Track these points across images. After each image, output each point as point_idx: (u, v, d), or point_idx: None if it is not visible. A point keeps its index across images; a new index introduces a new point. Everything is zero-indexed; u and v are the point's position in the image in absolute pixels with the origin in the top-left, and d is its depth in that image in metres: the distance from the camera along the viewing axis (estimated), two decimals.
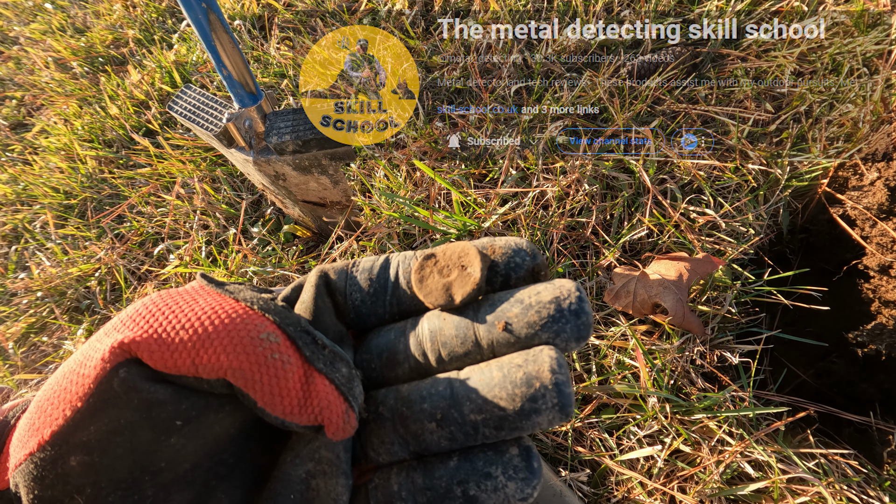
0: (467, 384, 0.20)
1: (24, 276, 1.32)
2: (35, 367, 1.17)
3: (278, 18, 1.60)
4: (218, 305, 0.21)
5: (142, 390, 0.19)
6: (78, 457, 0.18)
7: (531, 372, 0.19)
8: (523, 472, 0.20)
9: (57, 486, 0.18)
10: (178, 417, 0.19)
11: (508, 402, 0.19)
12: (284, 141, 0.76)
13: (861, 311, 0.92)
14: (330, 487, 0.20)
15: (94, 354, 0.19)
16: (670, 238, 0.94)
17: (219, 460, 0.21)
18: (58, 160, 1.50)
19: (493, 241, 0.23)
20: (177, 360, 0.19)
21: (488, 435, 0.20)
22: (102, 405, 0.18)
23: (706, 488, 0.71)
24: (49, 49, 1.94)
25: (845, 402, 0.90)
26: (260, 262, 1.07)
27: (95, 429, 0.18)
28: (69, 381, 0.19)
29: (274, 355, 0.20)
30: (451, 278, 0.22)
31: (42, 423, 0.19)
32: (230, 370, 0.19)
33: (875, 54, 1.08)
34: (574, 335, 0.20)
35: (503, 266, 0.22)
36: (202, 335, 0.19)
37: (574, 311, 0.20)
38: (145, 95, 1.55)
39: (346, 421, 0.20)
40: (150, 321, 0.20)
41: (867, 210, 0.86)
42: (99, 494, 0.18)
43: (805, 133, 1.04)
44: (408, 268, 0.23)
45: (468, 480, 0.20)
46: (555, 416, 0.19)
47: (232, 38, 0.69)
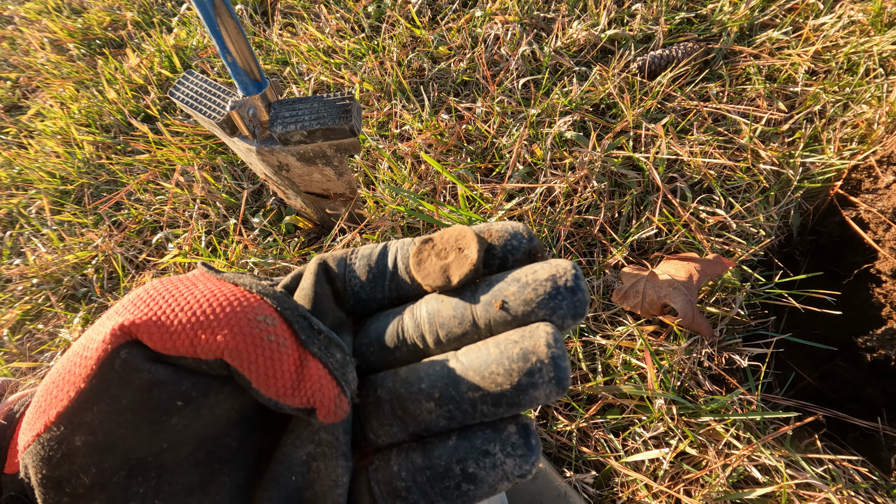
0: (464, 362, 0.20)
1: (20, 262, 1.30)
2: (31, 355, 1.15)
3: (281, 4, 1.56)
4: (217, 289, 0.21)
5: (142, 370, 0.19)
6: (83, 437, 0.19)
7: (527, 347, 0.19)
8: (521, 449, 0.20)
9: (63, 466, 0.19)
10: (179, 398, 0.19)
11: (505, 377, 0.19)
12: (289, 131, 0.74)
13: (870, 315, 0.91)
14: (330, 469, 0.21)
15: (96, 337, 0.20)
16: (679, 238, 0.92)
17: (221, 444, 0.21)
18: (54, 144, 1.47)
19: (489, 226, 0.22)
20: (175, 341, 0.19)
21: (486, 412, 0.20)
22: (105, 386, 0.19)
23: (712, 492, 0.70)
24: (45, 30, 1.90)
25: (851, 406, 0.89)
26: (261, 253, 1.05)
27: (99, 409, 0.19)
28: (73, 363, 0.20)
29: (270, 337, 0.20)
30: (449, 260, 0.22)
31: (48, 405, 0.19)
32: (227, 350, 0.19)
33: (892, 54, 1.06)
34: (570, 312, 0.20)
35: (500, 249, 0.22)
36: (200, 317, 0.20)
37: (570, 289, 0.20)
38: (144, 80, 1.52)
39: (338, 405, 0.20)
40: (150, 304, 0.20)
41: (881, 213, 0.85)
42: (104, 474, 0.19)
43: (818, 133, 1.02)
44: (406, 253, 0.23)
45: (467, 458, 0.20)
46: (552, 391, 0.19)
47: (237, 24, 0.66)
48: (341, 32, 1.41)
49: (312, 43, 1.39)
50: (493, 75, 1.21)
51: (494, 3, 1.33)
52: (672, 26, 1.22)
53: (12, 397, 0.24)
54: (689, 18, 1.23)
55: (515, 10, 1.27)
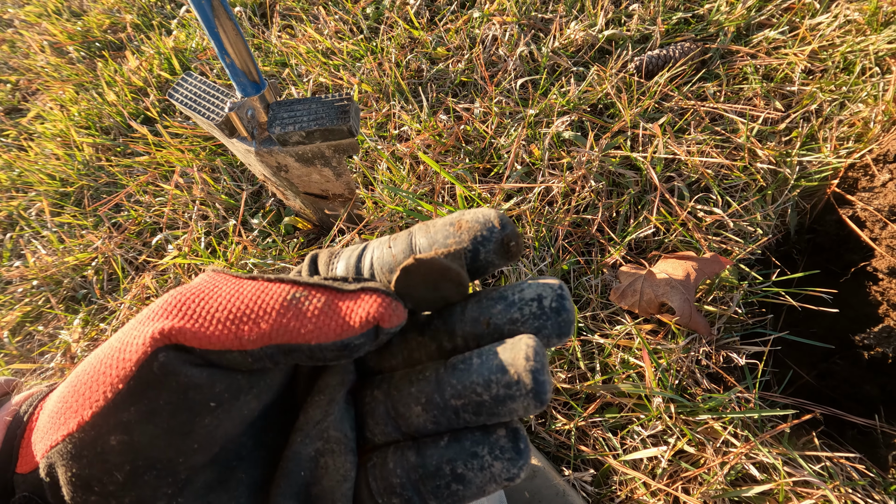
0: (450, 370, 0.21)
1: (20, 264, 1.30)
2: (30, 356, 1.15)
3: (280, 5, 1.57)
4: (240, 285, 0.22)
5: (180, 374, 0.20)
6: (118, 436, 0.19)
7: (507, 359, 0.20)
8: (509, 453, 0.20)
9: (96, 465, 0.19)
10: (213, 399, 0.20)
11: (484, 388, 0.20)
12: (288, 132, 0.74)
13: (866, 314, 0.91)
14: (339, 465, 0.22)
15: (132, 341, 0.20)
16: (677, 237, 0.93)
17: (238, 442, 0.22)
18: (54, 146, 1.47)
19: (461, 215, 0.23)
20: (220, 336, 0.20)
21: (469, 420, 0.21)
22: (142, 387, 0.19)
23: (710, 490, 0.71)
24: (44, 32, 1.90)
25: (848, 404, 0.89)
26: (260, 254, 1.05)
27: (136, 409, 0.19)
28: (107, 365, 0.20)
29: (306, 303, 0.21)
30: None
31: (80, 406, 0.20)
32: (274, 333, 0.20)
33: (888, 53, 1.06)
34: (555, 331, 0.21)
35: (470, 242, 0.22)
36: (236, 312, 0.21)
37: (555, 309, 0.21)
38: (143, 82, 1.52)
39: (395, 308, 0.21)
40: (184, 310, 0.21)
41: (878, 212, 0.85)
42: (136, 472, 0.19)
43: (815, 132, 1.03)
44: (381, 255, 0.24)
45: (456, 459, 0.21)
46: (530, 404, 0.19)
47: (235, 25, 0.67)
48: (340, 34, 1.41)
49: (311, 44, 1.39)
50: (492, 76, 1.21)
51: (492, 4, 1.34)
52: (669, 26, 1.22)
53: (17, 398, 0.25)
54: (686, 18, 1.24)
55: (513, 10, 1.27)
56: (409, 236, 0.23)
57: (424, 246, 0.23)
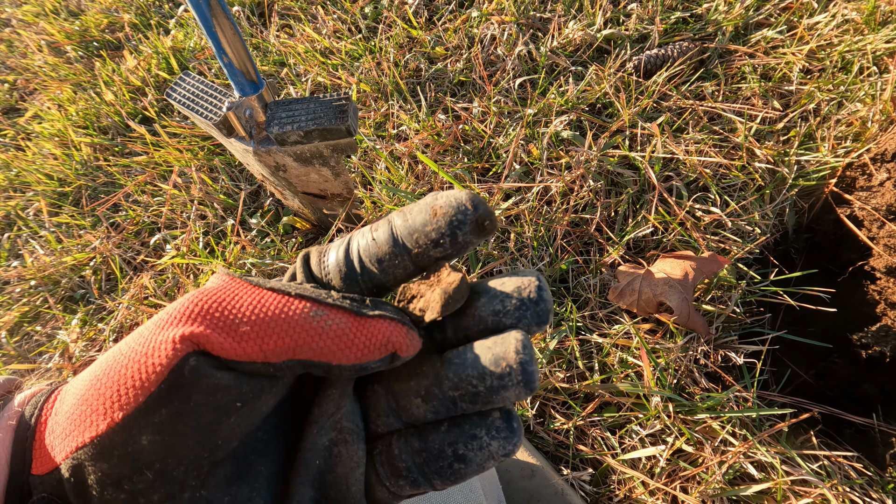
0: (446, 365, 0.23)
1: (17, 264, 1.30)
2: (28, 357, 1.15)
3: (278, 5, 1.57)
4: (262, 297, 0.23)
5: (209, 376, 0.21)
6: (149, 436, 0.20)
7: (499, 353, 0.22)
8: (505, 432, 0.23)
9: (126, 463, 0.20)
10: (239, 399, 0.22)
11: (479, 380, 0.22)
12: (286, 131, 0.74)
13: (864, 313, 0.92)
14: (351, 453, 0.24)
15: (157, 344, 0.21)
16: (675, 236, 0.93)
17: (255, 437, 0.24)
18: (51, 146, 1.47)
19: (435, 200, 0.23)
20: (245, 348, 0.21)
21: (465, 408, 0.23)
22: (174, 389, 0.20)
23: (709, 488, 0.71)
24: (42, 32, 1.90)
25: (846, 403, 0.90)
26: (258, 254, 1.05)
27: (167, 411, 0.20)
28: (132, 368, 0.21)
29: (328, 322, 0.22)
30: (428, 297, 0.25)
31: (108, 407, 0.21)
32: (297, 349, 0.22)
33: (886, 53, 1.07)
34: (535, 320, 0.23)
35: (448, 227, 0.23)
36: (262, 326, 0.22)
37: (533, 300, 0.23)
38: (141, 82, 1.52)
39: (411, 340, 0.23)
40: (206, 317, 0.22)
41: (875, 211, 0.85)
42: (166, 469, 0.21)
43: (813, 132, 1.03)
44: (367, 246, 0.25)
45: (457, 442, 0.23)
46: (521, 391, 0.22)
47: (233, 24, 0.67)
48: (338, 33, 1.41)
49: (309, 44, 1.39)
50: (490, 75, 1.21)
51: (491, 3, 1.34)
52: (667, 26, 1.22)
53: (19, 398, 0.25)
54: (685, 18, 1.24)
55: (512, 10, 1.27)
56: (389, 224, 0.24)
57: (403, 232, 0.24)
